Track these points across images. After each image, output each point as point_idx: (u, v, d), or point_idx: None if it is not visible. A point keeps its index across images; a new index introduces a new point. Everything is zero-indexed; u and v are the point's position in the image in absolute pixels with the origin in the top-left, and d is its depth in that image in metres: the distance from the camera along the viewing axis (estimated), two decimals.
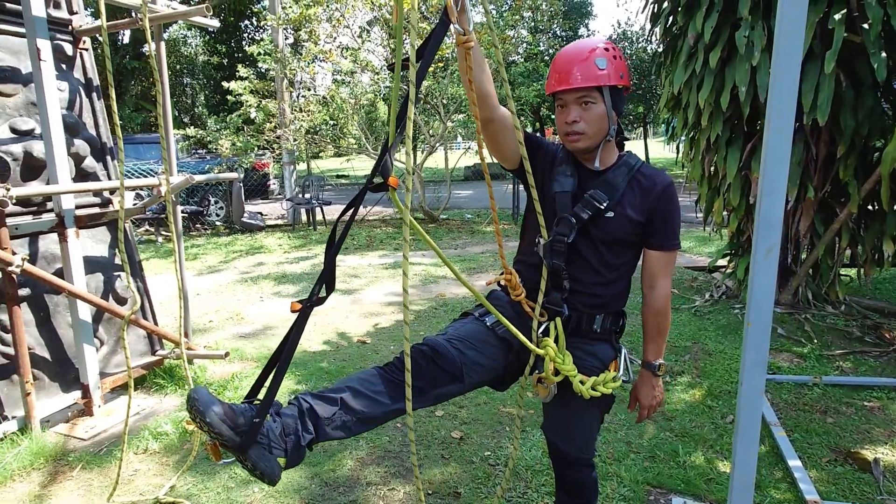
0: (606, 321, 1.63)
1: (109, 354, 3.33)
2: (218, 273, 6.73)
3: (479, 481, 2.44)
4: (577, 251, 1.55)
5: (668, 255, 1.59)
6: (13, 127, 2.94)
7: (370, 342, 4.22)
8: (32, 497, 2.38)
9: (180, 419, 2.96)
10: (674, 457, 2.57)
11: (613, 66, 1.47)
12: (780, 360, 3.59)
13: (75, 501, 2.36)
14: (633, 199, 1.53)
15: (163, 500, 2.33)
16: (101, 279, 3.29)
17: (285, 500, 2.35)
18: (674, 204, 1.57)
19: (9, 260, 2.53)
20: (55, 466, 2.60)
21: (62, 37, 3.19)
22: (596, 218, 1.52)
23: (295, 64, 9.64)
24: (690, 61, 4.17)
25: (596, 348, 1.64)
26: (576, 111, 1.49)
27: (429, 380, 1.45)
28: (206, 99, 25.26)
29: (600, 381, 1.59)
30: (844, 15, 3.52)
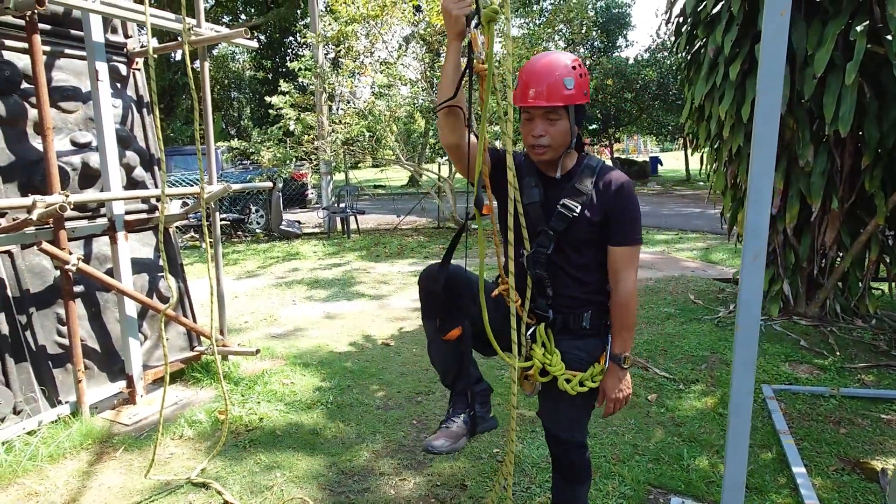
0: (595, 317, 1.73)
1: (152, 349, 3.61)
2: (255, 277, 7.07)
3: (486, 475, 2.56)
4: (553, 259, 1.68)
5: (629, 251, 1.67)
6: (73, 140, 3.26)
7: (393, 345, 4.39)
8: (80, 473, 2.64)
9: (213, 409, 3.20)
10: (678, 460, 2.63)
11: (579, 84, 1.59)
12: (800, 372, 3.57)
13: (117, 479, 2.60)
14: (598, 200, 1.64)
15: (194, 481, 2.55)
16: (147, 279, 3.58)
17: (304, 484, 2.52)
18: (630, 201, 1.66)
19: (66, 259, 2.83)
20: (101, 447, 2.87)
21: (118, 59, 3.52)
22: (571, 223, 1.64)
23: (333, 78, 10.02)
24: (711, 74, 4.21)
25: (585, 343, 1.74)
26: (542, 126, 1.61)
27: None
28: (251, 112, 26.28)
29: (587, 377, 1.71)
30: (867, 27, 3.51)
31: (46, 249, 2.77)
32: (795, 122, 3.94)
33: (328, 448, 2.84)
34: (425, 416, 3.17)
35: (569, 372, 1.69)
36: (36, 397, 2.93)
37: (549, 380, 1.71)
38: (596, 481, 2.47)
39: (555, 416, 1.81)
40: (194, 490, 2.50)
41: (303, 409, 3.25)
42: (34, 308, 3.00)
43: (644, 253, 7.92)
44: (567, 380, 1.68)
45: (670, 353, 3.99)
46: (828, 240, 4.17)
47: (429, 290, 1.72)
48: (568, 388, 1.67)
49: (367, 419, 3.14)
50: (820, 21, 3.72)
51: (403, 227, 11.42)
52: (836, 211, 4.04)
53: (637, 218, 1.68)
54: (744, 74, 3.99)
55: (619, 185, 1.65)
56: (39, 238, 2.80)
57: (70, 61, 3.31)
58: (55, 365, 3.05)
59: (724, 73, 4.06)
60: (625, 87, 20.02)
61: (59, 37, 3.21)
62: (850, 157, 3.95)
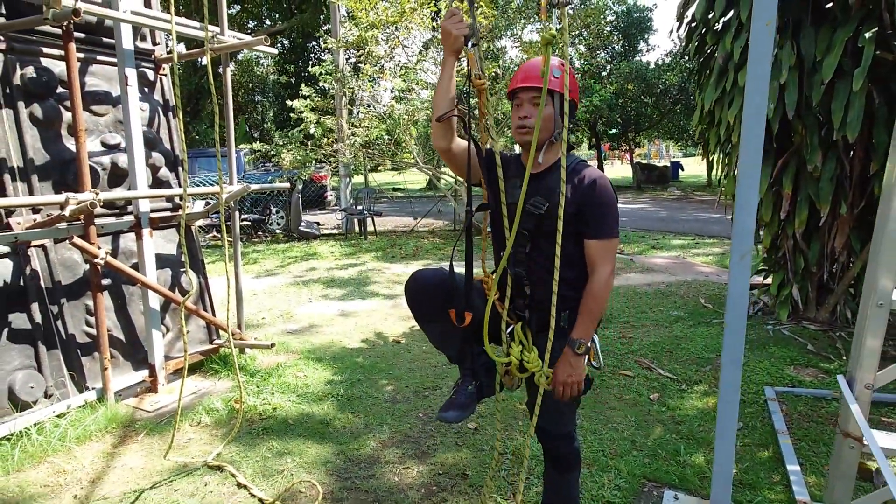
0: (572, 317, 1.77)
1: (174, 341, 3.78)
2: (274, 276, 7.26)
3: (487, 466, 2.66)
4: (536, 256, 1.77)
5: (604, 244, 1.71)
6: (103, 141, 3.46)
7: (404, 342, 4.51)
8: (105, 454, 2.81)
9: (230, 399, 3.35)
10: (674, 456, 2.69)
11: (565, 80, 1.67)
12: (804, 375, 3.59)
13: (139, 460, 2.76)
14: (572, 196, 1.71)
15: (210, 464, 2.70)
16: (170, 274, 3.76)
17: (313, 470, 2.65)
18: (604, 196, 1.71)
19: (95, 253, 3.01)
20: (124, 431, 3.04)
21: (146, 65, 3.72)
22: (542, 219, 1.73)
23: (354, 83, 10.22)
24: (721, 80, 4.25)
25: (562, 342, 1.78)
26: (528, 108, 1.74)
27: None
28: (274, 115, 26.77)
29: None
30: (875, 33, 3.54)
31: (78, 244, 2.95)
32: (804, 128, 3.96)
33: (337, 437, 2.97)
34: (432, 409, 3.28)
35: (546, 369, 1.75)
36: (65, 383, 3.11)
37: (528, 375, 1.80)
38: (592, 473, 2.56)
39: (541, 409, 1.89)
40: (210, 472, 2.65)
41: (314, 401, 3.39)
42: (65, 299, 3.19)
43: (658, 257, 7.93)
44: (546, 376, 1.76)
45: (676, 354, 4.03)
46: (837, 245, 4.18)
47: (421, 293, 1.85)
48: (544, 384, 1.74)
49: (376, 411, 3.26)
50: (829, 28, 3.75)
51: (420, 229, 11.56)
52: (846, 216, 4.05)
53: (610, 213, 1.73)
54: None
55: (592, 181, 1.72)
56: (71, 233, 2.99)
57: (101, 67, 3.51)
58: (83, 353, 3.24)
59: (734, 80, 4.10)
60: (645, 91, 19.93)
61: (91, 44, 3.41)
62: (860, 163, 3.96)
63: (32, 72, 3.09)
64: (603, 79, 20.71)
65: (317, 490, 2.48)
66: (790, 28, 3.85)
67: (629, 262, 7.55)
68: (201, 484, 2.56)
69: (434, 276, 1.85)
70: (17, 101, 3.04)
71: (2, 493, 2.46)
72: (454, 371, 3.84)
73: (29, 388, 2.91)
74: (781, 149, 4.21)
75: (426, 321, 1.92)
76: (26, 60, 3.10)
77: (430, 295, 1.83)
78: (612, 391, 3.46)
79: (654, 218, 12.86)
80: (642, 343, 4.27)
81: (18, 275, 2.97)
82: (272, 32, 20.81)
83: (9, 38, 3.01)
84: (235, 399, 3.32)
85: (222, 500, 2.45)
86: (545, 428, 1.89)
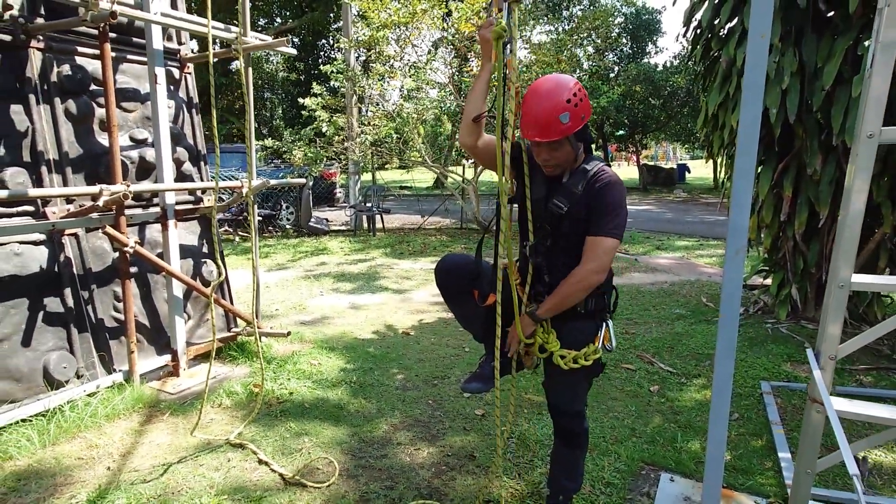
0: (590, 301, 1.94)
1: (194, 328, 3.95)
2: (285, 270, 7.44)
3: (493, 449, 2.81)
4: (555, 251, 1.92)
5: (598, 241, 1.83)
6: (132, 136, 3.63)
7: (413, 334, 4.67)
8: (133, 431, 2.98)
9: (248, 383, 3.52)
10: (672, 442, 2.83)
11: (575, 115, 1.79)
12: (800, 371, 3.72)
13: (165, 437, 2.93)
14: (583, 197, 1.86)
15: (232, 442, 2.86)
16: (192, 264, 3.93)
17: (329, 449, 2.81)
18: (608, 198, 1.83)
19: (125, 242, 3.18)
20: (150, 411, 3.21)
21: (172, 64, 3.89)
22: (561, 219, 1.88)
23: (364, 82, 10.39)
24: (725, 84, 4.38)
25: (580, 324, 1.97)
26: (546, 153, 1.86)
27: None
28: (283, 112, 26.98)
29: (580, 355, 1.94)
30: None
31: (109, 233, 3.12)
32: (805, 132, 4.08)
33: (351, 420, 3.13)
34: (440, 397, 3.43)
35: (564, 350, 1.92)
36: (94, 364, 3.29)
37: (547, 356, 1.96)
38: (594, 458, 2.70)
39: (556, 388, 2.05)
40: (232, 450, 2.81)
41: (329, 387, 3.55)
42: (95, 285, 3.36)
43: (662, 258, 8.05)
44: (562, 356, 1.92)
45: (677, 350, 4.17)
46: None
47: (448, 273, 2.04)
48: (561, 364, 1.91)
49: (387, 397, 3.41)
50: (830, 36, 3.87)
51: (427, 226, 11.72)
52: None
53: (613, 214, 1.83)
54: None
55: (605, 183, 1.86)
56: (103, 222, 3.16)
57: (130, 66, 3.68)
58: (111, 337, 3.41)
59: (737, 85, 4.23)
60: (653, 93, 19.99)
61: (122, 44, 3.58)
62: None
63: (68, 69, 3.27)
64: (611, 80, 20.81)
65: (333, 466, 2.64)
66: (793, 36, 3.97)
67: (633, 262, 7.67)
68: (224, 460, 2.73)
69: (462, 259, 2.04)
70: (54, 97, 3.21)
71: (40, 464, 2.64)
72: (462, 362, 4.01)
73: (62, 368, 3.08)
74: (783, 152, 4.34)
75: (453, 300, 2.10)
76: (62, 59, 3.27)
77: (456, 276, 2.01)
78: (614, 383, 3.61)
79: (660, 219, 12.96)
80: (644, 339, 4.41)
81: (53, 261, 3.14)
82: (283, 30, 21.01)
83: (47, 38, 3.18)
84: (254, 383, 3.49)
85: (245, 474, 2.61)
86: (559, 405, 2.04)
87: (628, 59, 21.50)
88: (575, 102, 1.80)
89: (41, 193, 2.83)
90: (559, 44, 10.81)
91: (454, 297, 2.09)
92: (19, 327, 2.97)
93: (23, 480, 2.52)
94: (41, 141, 3.14)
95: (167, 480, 2.54)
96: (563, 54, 10.59)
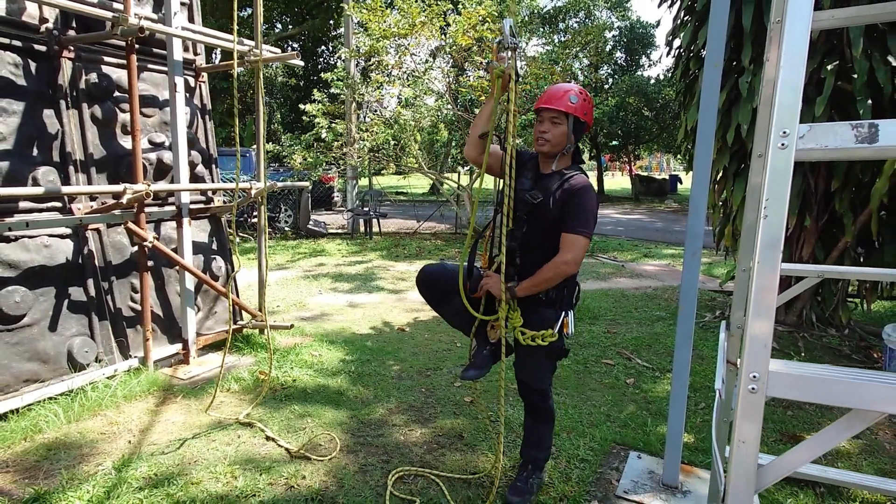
0: (552, 291, 2.22)
1: (203, 320, 4.22)
2: (285, 270, 7.70)
3: (480, 431, 3.09)
4: (527, 237, 2.21)
5: (572, 238, 2.12)
6: (150, 140, 3.91)
7: (408, 330, 4.95)
8: (150, 411, 3.24)
9: (254, 370, 3.78)
10: (642, 427, 3.12)
11: (581, 104, 2.17)
12: None
13: (179, 417, 3.19)
14: (559, 196, 2.16)
15: (241, 421, 3.12)
16: (202, 259, 4.20)
17: (331, 429, 3.08)
18: (581, 198, 2.13)
19: (145, 237, 3.45)
20: (164, 394, 3.47)
21: (188, 73, 4.17)
22: (535, 208, 2.18)
23: (363, 89, 10.70)
24: None
25: (542, 310, 2.24)
26: (547, 125, 2.19)
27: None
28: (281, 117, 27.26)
29: (539, 335, 2.20)
30: (836, 66, 4.00)
31: (131, 228, 3.39)
32: None
33: (350, 405, 3.40)
34: (433, 386, 3.71)
35: (524, 328, 2.19)
36: (112, 350, 3.54)
37: (511, 330, 2.23)
38: (571, 438, 2.99)
39: (522, 363, 2.33)
40: (242, 428, 3.07)
41: (329, 375, 3.82)
42: (114, 277, 3.62)
43: (649, 265, 8.37)
44: (522, 332, 2.20)
45: (654, 348, 4.47)
46: (804, 254, 4.63)
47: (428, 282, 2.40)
48: (521, 339, 2.19)
49: (384, 386, 3.69)
50: None
51: (423, 231, 12.01)
52: (811, 228, 4.50)
53: (584, 214, 2.12)
54: (730, 103, 4.50)
55: (578, 186, 2.16)
56: (125, 219, 3.43)
57: (150, 74, 3.97)
58: (128, 325, 3.67)
59: None
60: (645, 105, 20.45)
61: (144, 54, 3.86)
62: (823, 181, 4.42)
63: (95, 77, 3.55)
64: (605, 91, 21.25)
65: (335, 443, 2.91)
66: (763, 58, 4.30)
67: (620, 268, 7.99)
68: (235, 436, 2.99)
69: (439, 267, 2.38)
70: (82, 102, 3.49)
71: (67, 437, 2.89)
72: (454, 355, 4.29)
73: (84, 352, 3.34)
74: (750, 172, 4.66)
75: (438, 303, 2.42)
76: (90, 68, 3.55)
77: (435, 282, 2.35)
78: (593, 376, 3.90)
79: (650, 228, 13.31)
80: (625, 337, 4.71)
81: (78, 254, 3.41)
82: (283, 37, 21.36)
83: (77, 48, 3.46)
84: (260, 370, 3.75)
85: (254, 448, 2.87)
86: (526, 382, 2.32)
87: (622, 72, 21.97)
88: (583, 98, 2.18)
89: (72, 191, 3.10)
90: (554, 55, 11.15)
91: (437, 303, 2.43)
92: (47, 313, 3.23)
93: (52, 450, 2.77)
94: (69, 143, 3.41)
95: (184, 452, 2.80)
96: (557, 66, 10.93)
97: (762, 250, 0.93)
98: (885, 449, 2.97)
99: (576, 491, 2.52)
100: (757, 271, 0.94)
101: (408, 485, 2.57)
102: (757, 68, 4.28)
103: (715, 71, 2.37)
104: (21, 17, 3.21)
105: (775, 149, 0.93)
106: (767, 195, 0.93)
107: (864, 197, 4.40)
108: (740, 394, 0.97)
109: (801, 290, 2.29)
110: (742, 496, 0.97)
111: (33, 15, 3.27)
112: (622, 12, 21.92)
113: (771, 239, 0.92)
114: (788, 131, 0.93)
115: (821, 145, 0.94)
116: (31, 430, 2.91)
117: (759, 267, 0.94)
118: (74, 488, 2.44)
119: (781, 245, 0.93)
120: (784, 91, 0.93)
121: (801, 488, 2.55)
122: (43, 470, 2.61)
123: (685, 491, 2.52)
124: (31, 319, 3.16)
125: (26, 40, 3.23)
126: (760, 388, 0.95)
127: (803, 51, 0.92)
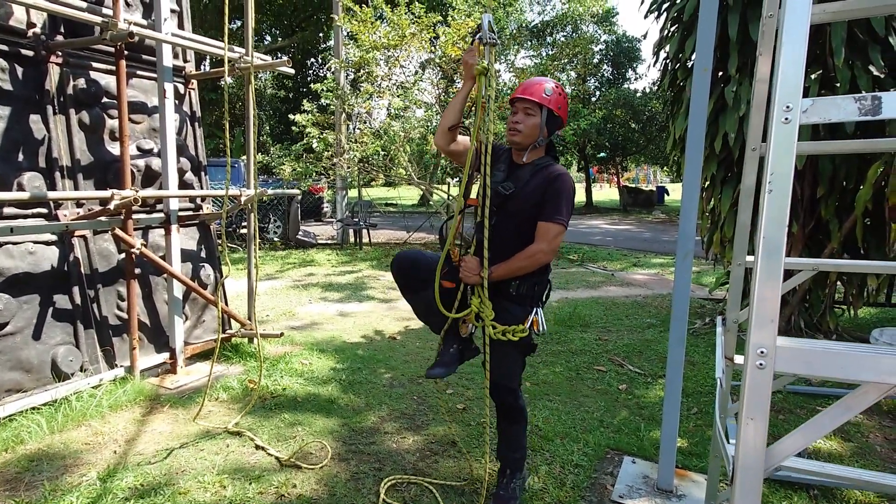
0: (522, 286, 2.20)
1: (191, 328, 4.16)
2: (274, 280, 7.63)
3: (473, 437, 3.06)
4: (498, 229, 2.17)
5: (547, 227, 2.11)
6: (139, 146, 3.87)
7: (399, 339, 4.91)
8: (136, 421, 3.17)
9: (243, 379, 3.73)
10: (636, 432, 3.11)
11: (555, 98, 2.17)
12: None
13: (166, 426, 3.13)
14: (535, 185, 2.15)
15: (230, 430, 3.07)
16: (190, 267, 4.15)
17: (322, 437, 3.03)
18: (560, 188, 2.12)
19: (133, 243, 3.40)
20: (151, 404, 3.40)
21: (177, 80, 4.15)
22: (506, 200, 2.17)
23: (353, 100, 10.72)
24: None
25: (512, 307, 2.22)
26: (520, 115, 2.19)
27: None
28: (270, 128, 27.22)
29: (509, 331, 2.18)
30: (820, 75, 4.08)
31: (118, 235, 3.34)
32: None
33: (341, 413, 3.35)
34: (425, 394, 3.68)
35: (495, 323, 2.17)
36: (98, 359, 3.48)
37: (482, 325, 2.19)
38: (565, 444, 2.97)
39: (493, 360, 2.25)
40: (231, 437, 3.02)
41: (320, 384, 3.77)
42: (100, 285, 3.56)
43: (638, 274, 8.41)
44: (493, 326, 2.17)
45: (646, 354, 4.47)
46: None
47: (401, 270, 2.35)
48: (491, 333, 2.16)
49: (375, 393, 3.65)
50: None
51: (412, 241, 11.99)
52: (798, 234, 4.56)
53: (561, 201, 2.12)
54: (716, 112, 4.56)
55: (556, 175, 2.15)
56: (112, 225, 3.38)
57: (139, 80, 3.94)
58: (114, 334, 3.61)
59: None
60: (632, 117, 20.70)
61: (133, 60, 3.84)
62: (810, 188, 4.48)
63: (83, 83, 3.51)
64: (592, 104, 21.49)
65: (326, 451, 2.86)
66: (748, 68, 4.38)
67: (610, 277, 8.02)
68: (224, 445, 2.93)
69: (415, 253, 2.36)
70: (69, 108, 3.45)
71: (50, 448, 2.82)
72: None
73: (69, 361, 3.27)
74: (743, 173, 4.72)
75: (413, 292, 2.36)
76: (78, 73, 3.52)
77: (412, 266, 2.31)
78: (586, 382, 3.89)
79: (639, 239, 13.40)
80: (616, 344, 4.72)
81: (63, 261, 3.35)
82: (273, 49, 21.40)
83: (65, 54, 3.43)
84: (249, 379, 3.70)
85: (243, 457, 2.82)
86: (501, 383, 2.28)
87: (609, 84, 22.25)
88: (558, 92, 2.18)
89: (59, 196, 3.06)
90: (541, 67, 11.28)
91: (411, 291, 2.36)
92: (31, 321, 3.16)
93: (35, 462, 2.70)
94: (56, 148, 3.37)
95: (171, 462, 2.74)
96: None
97: (767, 222, 0.93)
98: (876, 451, 2.99)
99: (571, 496, 2.50)
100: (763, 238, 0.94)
101: (400, 492, 2.53)
102: (742, 77, 4.36)
103: (704, 76, 2.41)
104: (8, 22, 3.18)
105: (779, 124, 0.94)
106: (772, 170, 0.94)
107: (850, 203, 4.47)
108: (748, 370, 0.97)
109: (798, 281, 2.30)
110: (752, 474, 0.96)
111: (21, 19, 3.24)
112: (608, 27, 22.27)
113: (777, 211, 0.92)
114: (792, 105, 0.93)
115: (824, 118, 0.95)
116: (12, 441, 2.84)
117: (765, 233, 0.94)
118: (58, 500, 2.37)
119: (787, 216, 0.94)
120: (787, 66, 0.94)
121: (795, 491, 2.55)
122: (24, 482, 2.53)
123: (680, 495, 2.51)
124: (15, 328, 3.09)
125: (13, 45, 3.20)
126: (768, 364, 0.94)
127: (805, 26, 0.93)
